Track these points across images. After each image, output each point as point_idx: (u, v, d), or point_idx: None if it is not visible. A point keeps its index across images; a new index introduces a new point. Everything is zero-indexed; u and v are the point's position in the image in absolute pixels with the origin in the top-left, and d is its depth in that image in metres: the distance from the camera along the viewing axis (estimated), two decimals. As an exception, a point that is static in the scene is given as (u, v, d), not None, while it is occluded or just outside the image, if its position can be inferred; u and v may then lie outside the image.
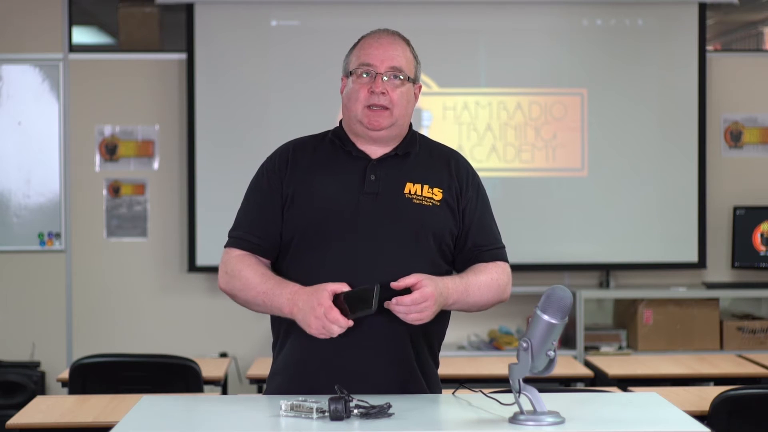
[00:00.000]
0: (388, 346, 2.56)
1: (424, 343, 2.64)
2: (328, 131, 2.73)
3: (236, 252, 2.63)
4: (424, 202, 2.61)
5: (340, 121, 2.73)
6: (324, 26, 6.23)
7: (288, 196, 2.62)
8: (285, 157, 2.67)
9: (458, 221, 2.65)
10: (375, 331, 2.54)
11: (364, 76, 2.61)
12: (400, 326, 2.54)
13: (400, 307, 2.45)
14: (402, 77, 2.62)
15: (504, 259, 2.70)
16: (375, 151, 2.65)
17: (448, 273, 2.65)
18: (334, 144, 2.67)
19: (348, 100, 2.64)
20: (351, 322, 2.44)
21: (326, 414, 2.27)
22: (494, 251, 2.67)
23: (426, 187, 2.63)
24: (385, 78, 2.60)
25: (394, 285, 2.46)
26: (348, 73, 2.66)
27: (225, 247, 2.67)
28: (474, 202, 2.68)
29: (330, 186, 2.61)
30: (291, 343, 2.62)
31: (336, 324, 2.43)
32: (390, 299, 2.47)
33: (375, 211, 2.58)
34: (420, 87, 2.70)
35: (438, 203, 2.62)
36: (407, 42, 2.68)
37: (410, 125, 2.71)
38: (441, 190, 2.64)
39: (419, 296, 2.45)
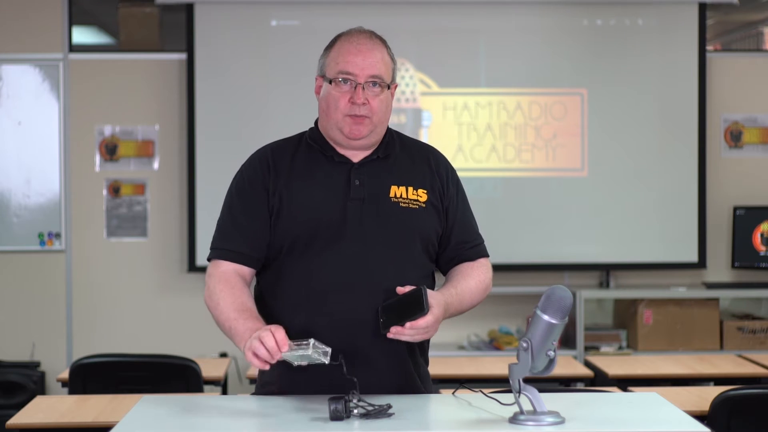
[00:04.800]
0: (384, 349, 2.55)
1: (416, 344, 2.62)
2: (303, 133, 2.69)
3: (223, 267, 2.58)
4: (410, 206, 2.61)
5: (315, 122, 2.70)
6: (324, 26, 6.20)
7: (274, 206, 2.58)
8: (266, 164, 2.62)
9: (442, 220, 2.67)
10: (371, 333, 2.53)
11: (344, 84, 2.58)
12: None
13: (410, 330, 2.42)
14: (381, 85, 2.59)
15: (485, 254, 2.74)
16: (355, 155, 2.63)
17: (433, 273, 2.68)
18: (313, 148, 2.64)
19: (327, 107, 2.60)
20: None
21: (328, 354, 2.29)
22: (476, 248, 2.71)
23: (410, 189, 2.62)
24: (365, 88, 2.58)
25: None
26: (325, 77, 2.62)
27: (212, 259, 2.61)
28: (455, 199, 2.70)
29: (316, 194, 2.58)
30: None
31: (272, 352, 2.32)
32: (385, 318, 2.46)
33: (362, 217, 2.57)
34: (396, 86, 2.68)
35: (423, 205, 2.62)
36: (384, 44, 2.64)
37: None
38: (425, 191, 2.64)
39: (423, 323, 2.42)
